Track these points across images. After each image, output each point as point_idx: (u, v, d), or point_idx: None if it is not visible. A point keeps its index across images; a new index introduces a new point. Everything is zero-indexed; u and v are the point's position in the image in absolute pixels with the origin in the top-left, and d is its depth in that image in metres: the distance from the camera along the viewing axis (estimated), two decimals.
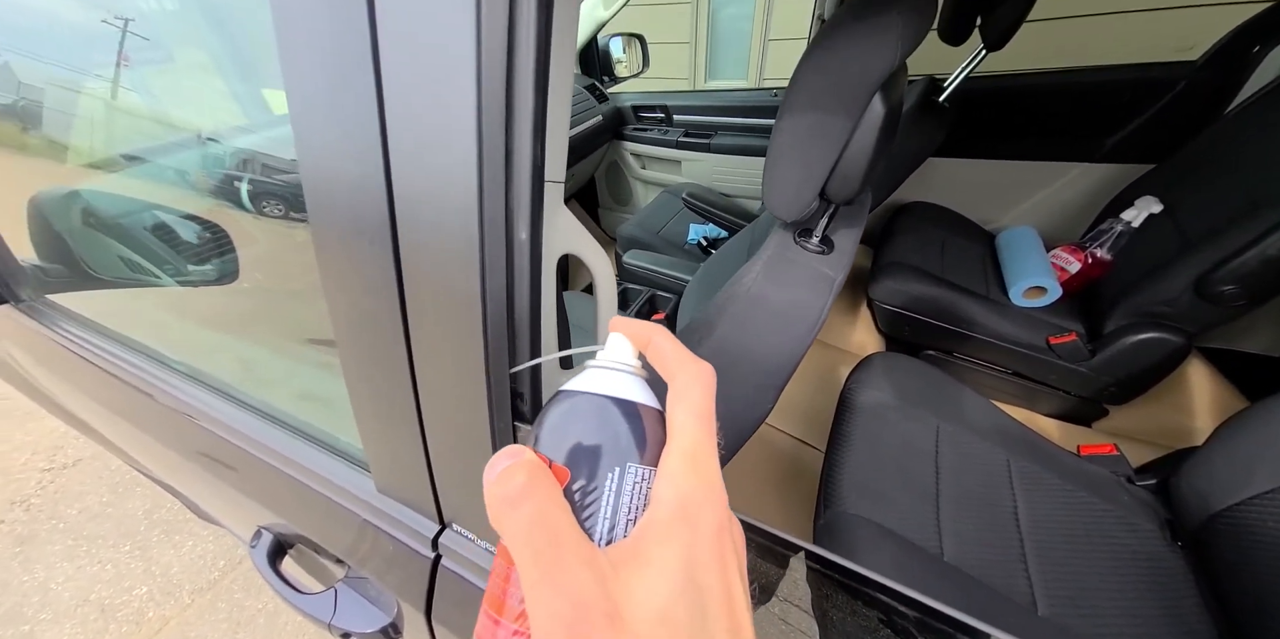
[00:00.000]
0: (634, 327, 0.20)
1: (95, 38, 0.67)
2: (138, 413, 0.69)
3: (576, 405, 0.18)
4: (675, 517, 0.15)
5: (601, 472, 0.17)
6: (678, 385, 0.18)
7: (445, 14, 0.23)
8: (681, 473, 0.16)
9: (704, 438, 0.17)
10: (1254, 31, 1.03)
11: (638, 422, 0.18)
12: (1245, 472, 0.56)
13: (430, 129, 0.25)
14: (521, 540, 0.14)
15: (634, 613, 0.14)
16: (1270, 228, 0.71)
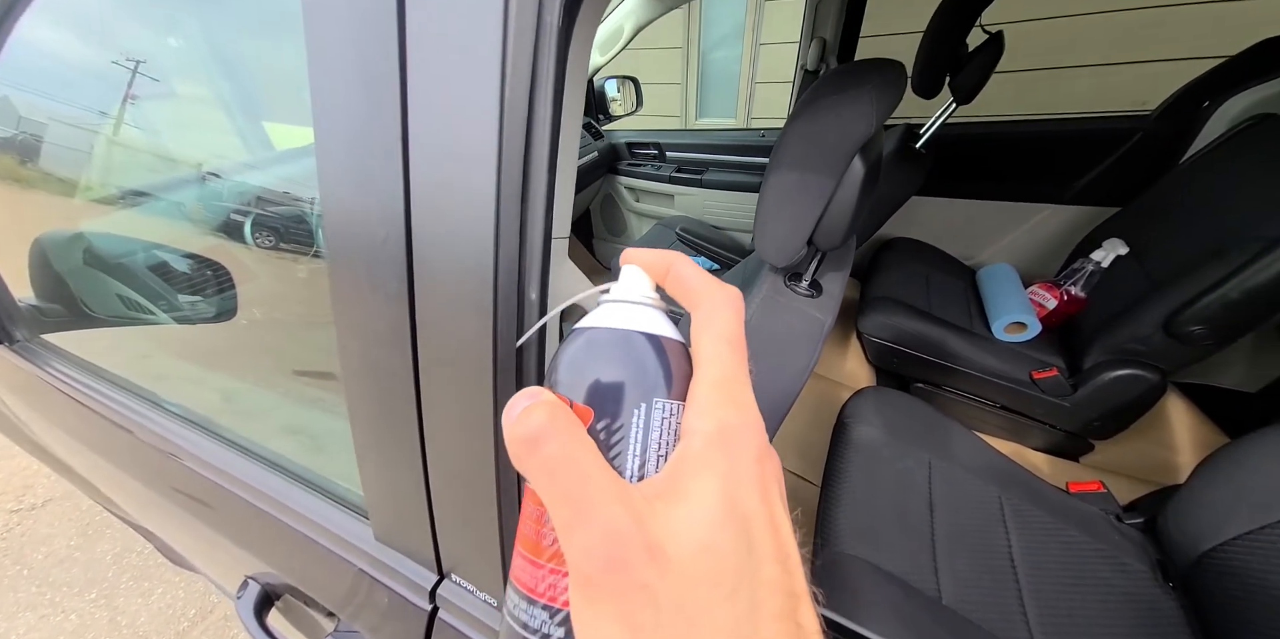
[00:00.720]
0: (649, 256, 0.19)
1: (103, 77, 0.69)
2: (125, 453, 0.68)
3: (594, 340, 0.17)
4: (711, 446, 0.14)
5: (626, 408, 0.16)
6: (703, 312, 0.17)
7: (472, 107, 0.25)
8: (714, 402, 0.15)
9: (735, 366, 0.16)
10: (1203, 88, 1.12)
11: (662, 354, 0.16)
12: (1226, 512, 0.58)
13: (452, 197, 0.27)
14: (547, 480, 0.14)
15: (675, 545, 0.13)
16: (1230, 273, 0.76)
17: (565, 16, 0.24)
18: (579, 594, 0.13)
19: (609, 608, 0.13)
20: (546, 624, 0.15)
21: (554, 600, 0.15)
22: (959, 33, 1.04)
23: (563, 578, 0.15)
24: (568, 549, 0.13)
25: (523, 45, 0.24)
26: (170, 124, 0.78)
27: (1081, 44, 1.69)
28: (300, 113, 0.32)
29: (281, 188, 0.77)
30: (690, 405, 0.16)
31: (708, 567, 0.13)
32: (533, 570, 0.15)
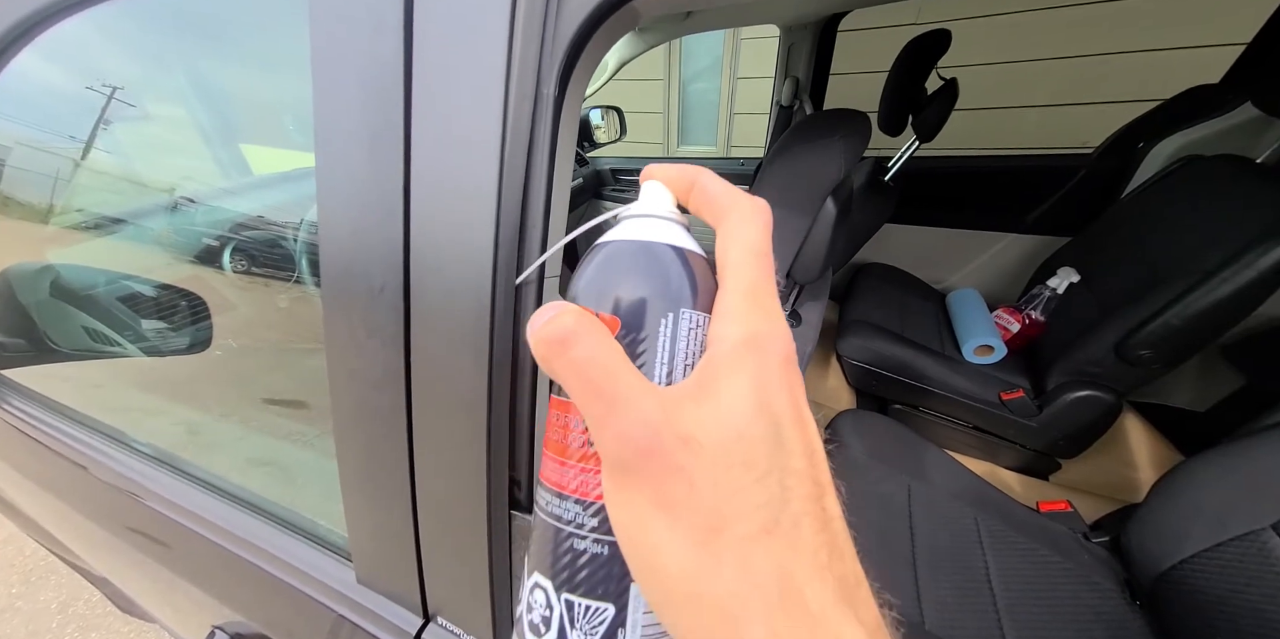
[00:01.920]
0: (672, 170, 0.18)
1: (78, 101, 0.68)
2: (79, 491, 0.65)
3: (617, 252, 0.17)
4: (740, 350, 0.14)
5: (653, 318, 0.16)
6: (731, 224, 0.16)
7: (472, 166, 0.27)
8: (743, 310, 0.15)
9: (764, 277, 0.16)
10: (1138, 130, 1.23)
11: (687, 266, 0.16)
12: (1183, 530, 0.61)
13: (450, 248, 0.29)
14: (578, 379, 0.14)
15: (707, 435, 0.13)
16: (1171, 301, 0.82)
17: (560, 87, 0.27)
18: (614, 481, 0.14)
19: (644, 489, 0.13)
20: (580, 515, 0.15)
21: (585, 495, 0.15)
22: (917, 78, 1.12)
23: (593, 475, 0.15)
24: (602, 441, 0.14)
25: (521, 113, 0.26)
26: (145, 148, 0.78)
27: (1032, 86, 1.83)
28: (280, 135, 0.32)
29: (262, 213, 0.77)
30: (717, 314, 0.16)
31: (741, 453, 0.13)
32: (562, 470, 0.16)
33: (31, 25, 0.42)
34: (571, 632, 0.15)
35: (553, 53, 0.26)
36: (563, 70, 0.26)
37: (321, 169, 0.30)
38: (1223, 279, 0.76)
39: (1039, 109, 1.84)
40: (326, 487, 0.40)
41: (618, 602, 0.15)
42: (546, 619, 0.15)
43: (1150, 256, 0.94)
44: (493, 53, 0.25)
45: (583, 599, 0.15)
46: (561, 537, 0.16)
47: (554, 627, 0.15)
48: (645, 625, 0.15)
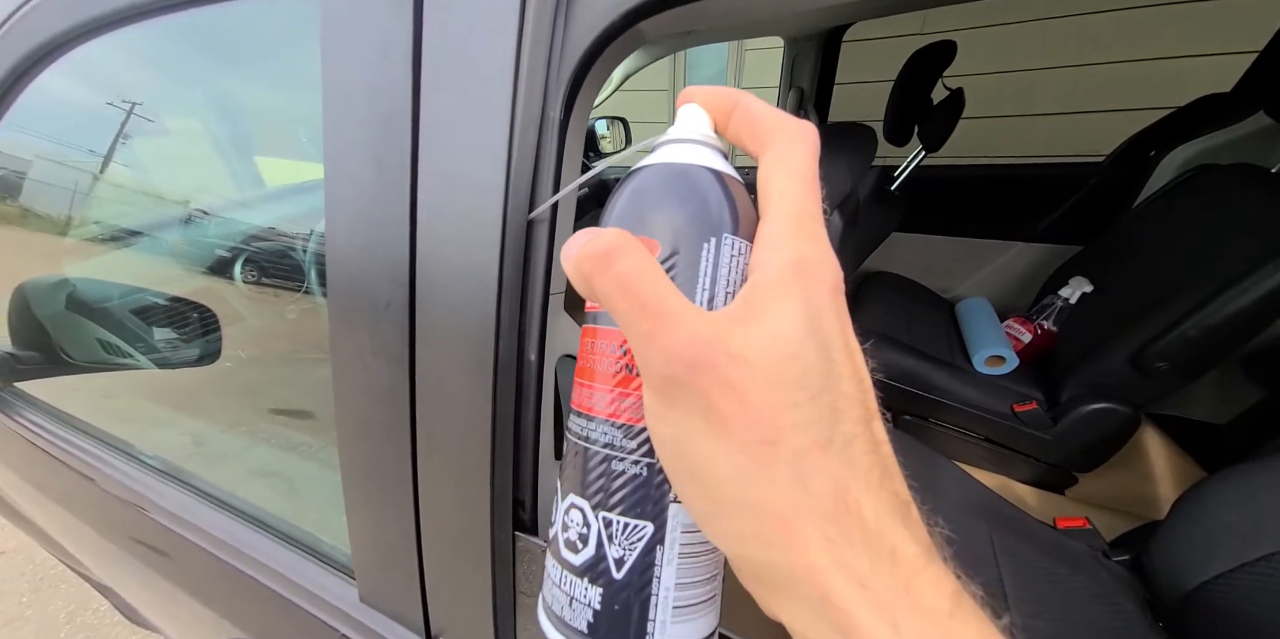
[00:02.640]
0: (712, 93, 0.17)
1: (98, 116, 0.69)
2: (86, 502, 0.65)
3: (655, 177, 0.16)
4: (788, 275, 0.14)
5: (694, 242, 0.15)
6: (778, 148, 0.16)
7: (478, 183, 0.27)
8: (789, 236, 0.14)
9: (811, 203, 0.15)
10: (1149, 139, 1.22)
11: (727, 192, 0.16)
12: (1207, 550, 0.59)
13: (456, 266, 0.29)
14: (623, 295, 0.13)
15: (758, 355, 0.13)
16: (1187, 312, 0.80)
17: (565, 110, 0.27)
18: (660, 396, 0.13)
19: (694, 404, 0.13)
20: (617, 438, 0.15)
21: (622, 418, 0.15)
22: (923, 89, 1.12)
23: (631, 399, 0.15)
24: (648, 358, 0.13)
25: (527, 136, 0.26)
26: (162, 162, 0.79)
27: (1040, 94, 1.82)
28: (293, 146, 0.33)
29: (273, 225, 0.78)
30: (762, 240, 0.15)
31: (793, 373, 0.13)
32: (598, 396, 0.16)
33: (54, 48, 0.43)
34: (610, 546, 0.15)
35: (559, 76, 0.26)
36: (568, 93, 0.26)
37: (330, 188, 0.31)
38: (1241, 290, 0.75)
39: (1047, 117, 1.83)
40: (330, 499, 0.40)
41: (656, 520, 0.15)
42: (584, 536, 0.16)
43: (1165, 266, 0.93)
44: (499, 77, 0.25)
45: (621, 517, 0.15)
46: (599, 459, 0.16)
47: (591, 542, 0.15)
48: (682, 543, 0.15)
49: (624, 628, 0.15)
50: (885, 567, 0.12)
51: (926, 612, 0.12)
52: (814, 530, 0.12)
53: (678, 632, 0.15)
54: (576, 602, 0.16)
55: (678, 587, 0.15)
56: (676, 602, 0.15)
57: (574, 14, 0.25)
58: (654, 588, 0.15)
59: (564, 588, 0.16)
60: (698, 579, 0.16)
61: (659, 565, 0.15)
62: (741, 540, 0.13)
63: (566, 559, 0.16)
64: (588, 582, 0.15)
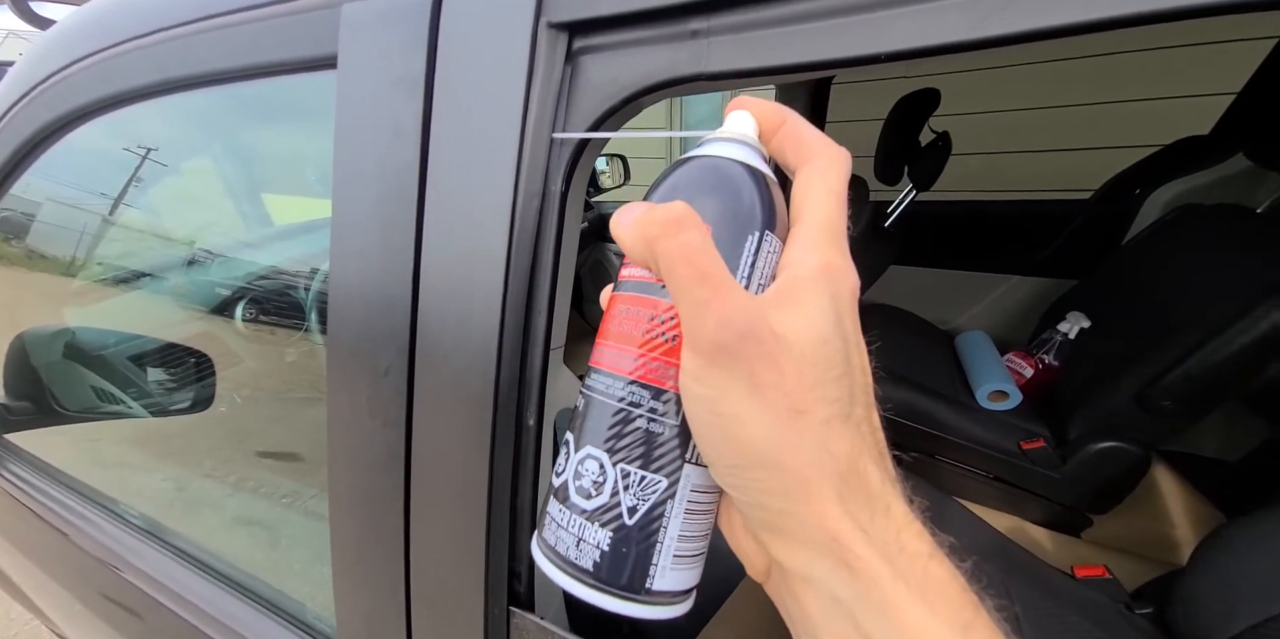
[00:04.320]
0: (766, 106, 0.19)
1: (113, 162, 0.70)
2: (59, 559, 0.63)
3: (705, 166, 0.17)
4: (819, 274, 0.16)
5: (740, 235, 0.16)
6: (818, 164, 0.17)
7: (482, 253, 0.27)
8: (821, 241, 0.16)
9: (841, 217, 0.17)
10: (1133, 177, 1.25)
11: (771, 194, 0.17)
12: (1230, 603, 0.57)
13: (457, 332, 0.29)
14: (686, 262, 0.15)
15: (795, 335, 0.15)
16: (1189, 350, 0.80)
17: (565, 182, 0.28)
18: (705, 359, 0.15)
19: (738, 369, 0.14)
20: (647, 399, 0.17)
21: (656, 381, 0.17)
22: (910, 133, 1.16)
23: (667, 365, 0.16)
24: (702, 322, 0.15)
25: (529, 209, 0.27)
26: (171, 204, 0.81)
27: (1027, 132, 1.89)
28: (303, 185, 0.33)
29: (276, 265, 0.79)
30: (796, 241, 0.17)
31: (824, 355, 0.15)
32: (633, 359, 0.17)
33: (77, 117, 0.45)
34: (625, 495, 0.16)
35: (560, 154, 0.27)
36: (569, 167, 0.27)
37: (336, 256, 0.31)
38: (1239, 330, 0.75)
39: (1034, 154, 1.89)
40: (314, 550, 0.38)
41: (670, 477, 0.17)
42: (599, 484, 0.17)
43: (1160, 304, 0.93)
44: (503, 156, 0.26)
45: (639, 470, 0.16)
46: (624, 416, 0.17)
47: (607, 490, 0.17)
48: (690, 501, 0.17)
49: (628, 568, 0.16)
50: (882, 519, 0.15)
51: (911, 553, 0.15)
52: (830, 487, 0.14)
53: (673, 578, 0.17)
54: (585, 543, 0.17)
55: (680, 539, 0.17)
56: (676, 552, 0.17)
57: (575, 100, 0.26)
58: (660, 537, 0.17)
59: (571, 529, 0.17)
60: (696, 535, 0.17)
61: (667, 518, 0.17)
62: (764, 492, 0.15)
63: (577, 503, 0.17)
64: (598, 525, 0.17)
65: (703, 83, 0.25)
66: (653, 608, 0.17)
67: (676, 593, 0.17)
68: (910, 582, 0.14)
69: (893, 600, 0.14)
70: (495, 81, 0.26)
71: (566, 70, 0.25)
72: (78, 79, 0.41)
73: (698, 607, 0.19)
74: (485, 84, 0.26)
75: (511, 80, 0.25)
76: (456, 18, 0.27)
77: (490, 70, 0.26)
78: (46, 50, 0.45)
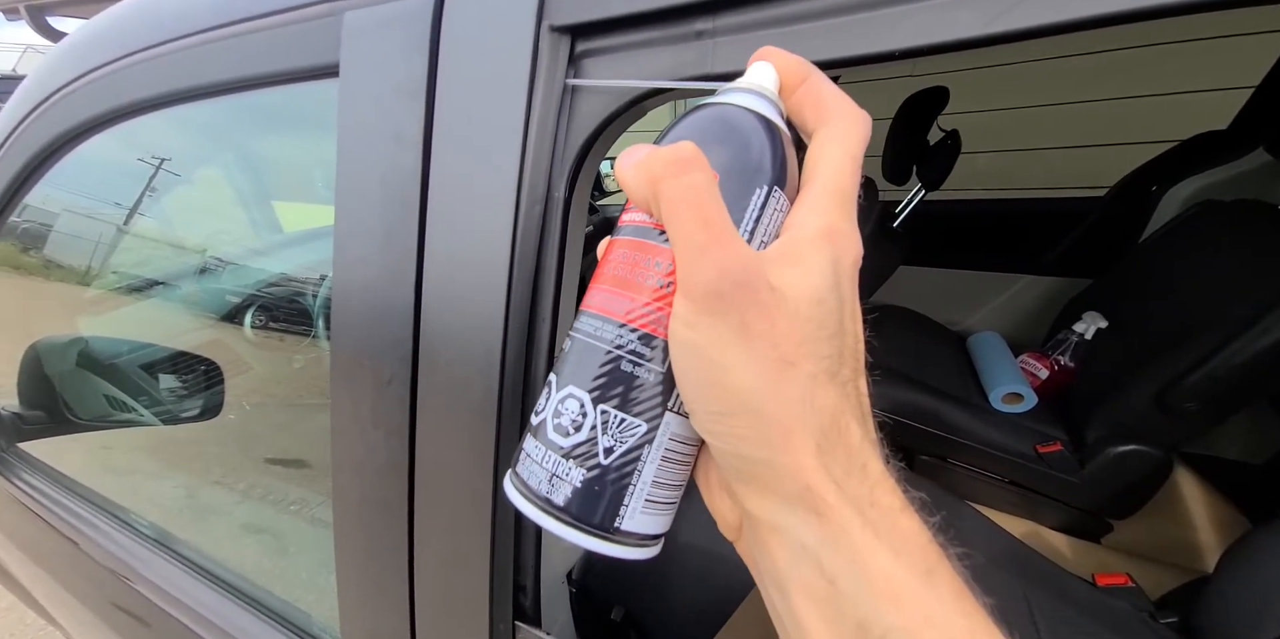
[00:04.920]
0: (789, 59, 0.18)
1: (127, 173, 0.71)
2: (70, 568, 0.63)
3: (720, 114, 0.17)
4: (822, 237, 0.15)
5: (749, 187, 0.16)
6: (836, 126, 0.17)
7: (485, 262, 0.27)
8: (829, 205, 0.16)
9: (853, 183, 0.16)
10: (1149, 174, 1.22)
11: (781, 146, 0.17)
12: (1258, 611, 0.55)
13: (460, 341, 0.28)
14: (689, 204, 0.14)
15: (791, 291, 0.15)
16: (1211, 350, 0.78)
17: (569, 188, 0.27)
18: (698, 305, 0.15)
19: (730, 316, 0.14)
20: (635, 344, 0.16)
21: (646, 327, 0.16)
22: (918, 132, 1.15)
23: (659, 311, 0.16)
24: (699, 267, 0.14)
25: (532, 215, 0.26)
26: (184, 213, 0.82)
27: (1039, 129, 1.86)
28: (311, 191, 0.33)
29: (286, 272, 0.80)
30: (804, 203, 0.16)
31: (818, 312, 0.15)
32: (627, 303, 0.16)
33: (88, 128, 0.45)
34: (603, 436, 0.16)
35: (563, 159, 0.26)
36: (572, 171, 0.27)
37: (339, 265, 0.31)
38: (1263, 329, 0.73)
39: (1046, 151, 1.86)
40: (322, 557, 0.38)
41: (650, 422, 0.16)
42: (578, 423, 0.17)
43: (1180, 303, 0.91)
44: (506, 162, 0.25)
45: (619, 412, 0.16)
46: (611, 358, 0.16)
47: (585, 429, 0.17)
48: (667, 448, 0.17)
49: (599, 505, 0.16)
50: (857, 474, 0.15)
51: (883, 508, 0.15)
52: (810, 439, 0.14)
53: (643, 521, 0.17)
54: (558, 478, 0.17)
55: (653, 484, 0.17)
56: (649, 496, 0.17)
57: (577, 105, 0.25)
58: (633, 479, 0.17)
59: (545, 465, 0.17)
60: (670, 483, 0.17)
61: (643, 461, 0.17)
62: (743, 439, 0.15)
63: (554, 441, 0.17)
64: (573, 463, 0.17)
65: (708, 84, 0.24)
66: (620, 547, 0.17)
67: (645, 536, 0.17)
68: (879, 531, 0.14)
69: (860, 547, 0.14)
70: (497, 87, 0.25)
71: (569, 74, 0.25)
72: (87, 91, 0.41)
73: (705, 616, 0.18)
74: (487, 89, 0.26)
75: (514, 85, 0.25)
76: (458, 23, 0.26)
77: (492, 75, 0.25)
78: (56, 63, 0.45)
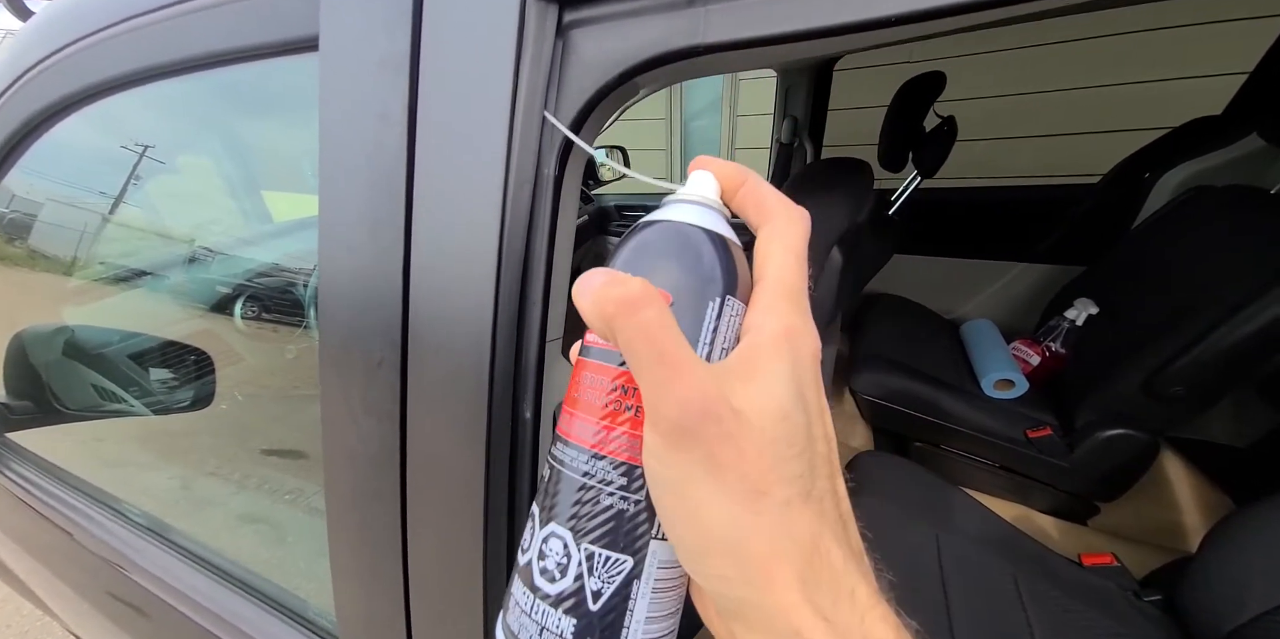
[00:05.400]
0: (727, 166, 0.19)
1: (111, 160, 0.69)
2: (64, 558, 0.63)
3: (672, 232, 0.17)
4: (780, 340, 0.16)
5: (702, 301, 0.17)
6: (777, 225, 0.18)
7: (473, 243, 0.26)
8: (781, 304, 0.17)
9: (800, 278, 0.17)
10: (1142, 161, 1.22)
11: (730, 258, 0.17)
12: (1242, 588, 0.56)
13: (450, 322, 0.28)
14: (644, 342, 0.14)
15: (754, 412, 0.15)
16: (1198, 336, 0.79)
17: (559, 167, 0.26)
18: (665, 440, 0.15)
19: (697, 451, 0.14)
20: (612, 474, 0.16)
21: (620, 456, 0.16)
22: (913, 119, 1.14)
23: (631, 438, 0.16)
24: (661, 404, 0.14)
25: (521, 195, 0.26)
26: (169, 202, 0.80)
27: (1032, 116, 1.85)
28: (301, 180, 0.32)
29: (276, 261, 0.78)
30: (758, 305, 0.17)
31: (784, 431, 0.15)
32: (597, 431, 0.16)
33: (65, 106, 0.44)
34: (590, 578, 0.16)
35: (553, 135, 0.25)
36: (563, 150, 0.26)
37: (324, 248, 0.30)
38: (1250, 315, 0.74)
39: (1040, 139, 1.86)
40: (318, 547, 0.38)
41: (636, 555, 0.16)
42: (563, 566, 0.16)
43: (1171, 289, 0.92)
44: (493, 139, 0.25)
45: (604, 550, 0.16)
46: (589, 492, 0.16)
47: (571, 573, 0.16)
48: (657, 579, 0.16)
49: None
50: (846, 604, 0.14)
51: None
52: (792, 573, 0.14)
53: None
54: (548, 631, 0.16)
55: (647, 620, 0.16)
56: (644, 634, 0.16)
57: (567, 78, 0.25)
58: (626, 620, 0.16)
59: (535, 617, 0.16)
60: (664, 613, 0.17)
61: (634, 599, 0.16)
62: (725, 579, 0.15)
63: (541, 588, 0.16)
64: (562, 612, 0.16)
65: (701, 58, 0.23)
66: None
67: None
68: None
69: None
70: (483, 60, 0.25)
71: (557, 45, 0.24)
72: (59, 69, 0.40)
73: None
74: (472, 63, 0.25)
75: (499, 58, 0.24)
76: None
77: (477, 48, 0.25)
78: (26, 42, 0.43)
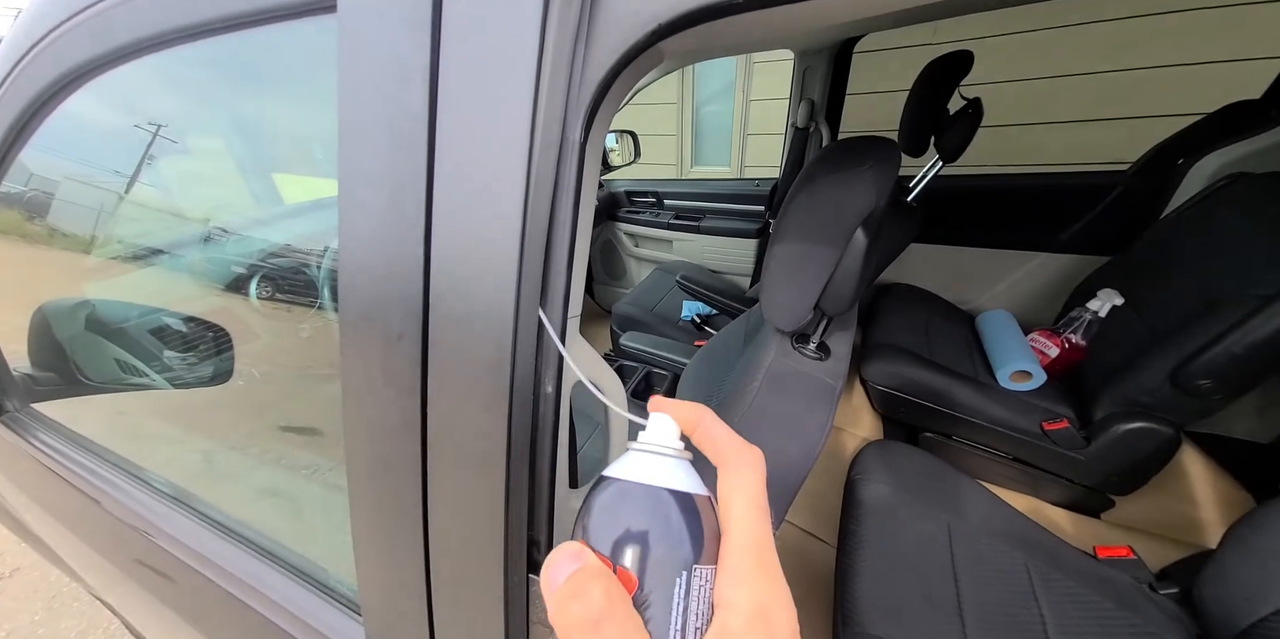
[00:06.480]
0: (681, 409, 0.20)
1: (125, 139, 0.70)
2: (93, 526, 0.65)
3: (629, 497, 0.18)
4: (752, 624, 0.15)
5: (667, 578, 0.16)
6: (732, 471, 0.18)
7: (497, 210, 0.26)
8: (750, 573, 0.16)
9: (764, 531, 0.17)
10: (1176, 147, 1.18)
11: (695, 517, 0.17)
12: (1262, 584, 0.55)
13: (470, 298, 0.27)
14: None
15: None
16: (1231, 326, 0.76)
17: (584, 131, 0.26)
18: None
19: None
20: None
21: None
22: (938, 100, 1.10)
23: None
24: None
25: (546, 160, 0.25)
26: (182, 181, 0.80)
27: (1060, 101, 1.79)
28: (312, 163, 0.31)
29: (289, 242, 0.78)
30: (725, 572, 0.16)
31: None
32: None
33: (80, 75, 0.43)
34: None
35: (579, 97, 0.25)
36: (588, 114, 0.25)
37: (344, 218, 0.30)
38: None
39: (1068, 125, 1.80)
40: (338, 520, 0.38)
41: None
42: None
43: (1203, 279, 0.89)
44: (518, 101, 0.24)
45: None
46: None
47: None
48: None
49: None
50: None
51: None
52: None
53: None
54: None
55: None
56: None
57: (595, 36, 0.24)
58: None
59: None
60: None
61: None
62: None
63: None
64: None
65: (730, 19, 0.22)
66: None
67: None
68: None
69: None
70: (508, 18, 0.24)
71: (585, 2, 0.23)
72: (74, 35, 0.39)
73: None
74: (497, 21, 0.24)
75: (525, 16, 0.23)
76: None
77: (502, 5, 0.24)
78: (41, 9, 0.43)
